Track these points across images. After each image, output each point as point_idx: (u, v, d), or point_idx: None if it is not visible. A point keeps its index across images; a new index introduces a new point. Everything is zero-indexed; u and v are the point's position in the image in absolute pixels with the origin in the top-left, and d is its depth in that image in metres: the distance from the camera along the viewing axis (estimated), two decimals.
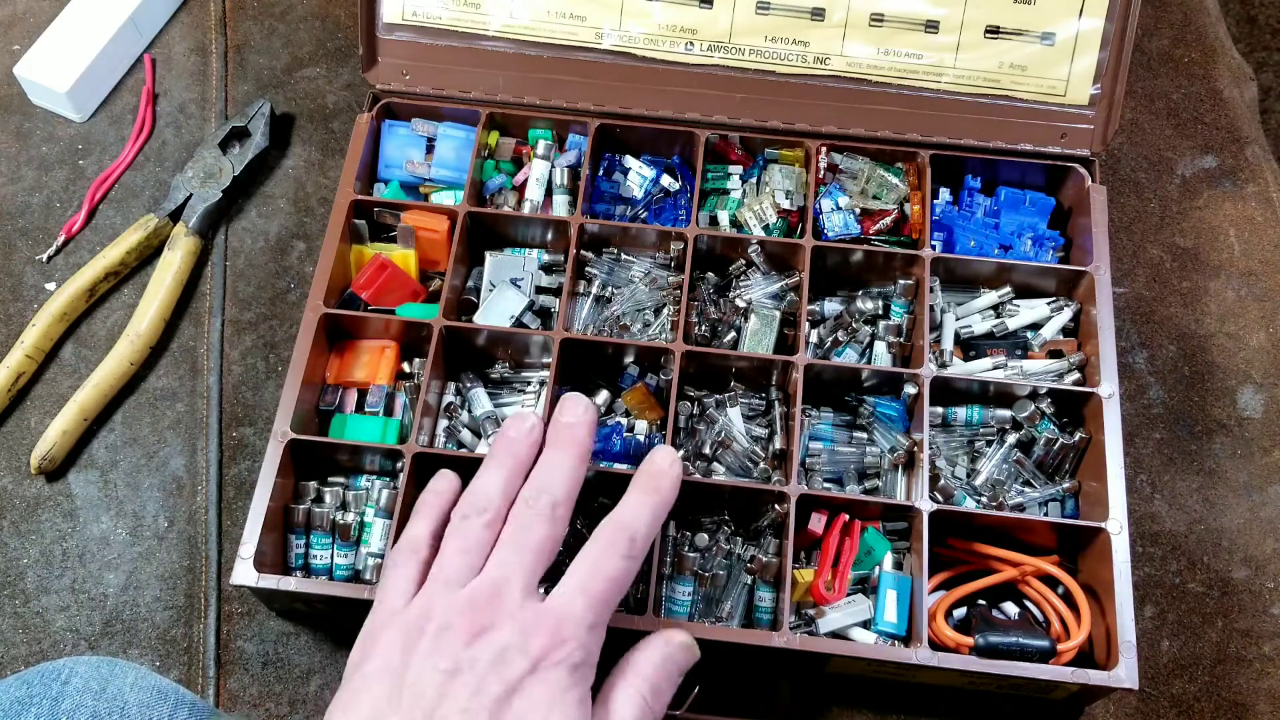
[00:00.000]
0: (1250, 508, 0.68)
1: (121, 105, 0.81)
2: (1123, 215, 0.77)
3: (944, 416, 0.65)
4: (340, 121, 0.80)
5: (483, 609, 0.46)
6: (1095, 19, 0.68)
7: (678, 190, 0.72)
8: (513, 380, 0.68)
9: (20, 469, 0.69)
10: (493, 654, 0.45)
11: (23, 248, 0.76)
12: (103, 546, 0.67)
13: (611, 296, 0.69)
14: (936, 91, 0.71)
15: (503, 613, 0.46)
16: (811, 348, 0.67)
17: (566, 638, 0.46)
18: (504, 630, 0.45)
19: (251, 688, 0.63)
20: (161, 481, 0.68)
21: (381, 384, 0.66)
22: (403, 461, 0.62)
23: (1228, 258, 0.76)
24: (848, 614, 0.59)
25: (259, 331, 0.73)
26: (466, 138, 0.72)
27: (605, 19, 0.71)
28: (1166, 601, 0.66)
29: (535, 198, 0.72)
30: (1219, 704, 0.63)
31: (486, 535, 0.49)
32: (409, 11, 0.72)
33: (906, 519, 0.62)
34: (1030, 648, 0.57)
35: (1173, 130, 0.80)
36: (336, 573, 0.63)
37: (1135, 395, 0.71)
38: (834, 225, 0.69)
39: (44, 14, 0.83)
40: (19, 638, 0.64)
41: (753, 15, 0.70)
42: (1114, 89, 0.69)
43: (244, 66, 0.82)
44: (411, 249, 0.69)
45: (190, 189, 0.75)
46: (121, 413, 0.71)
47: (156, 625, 0.65)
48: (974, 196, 0.72)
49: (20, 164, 0.79)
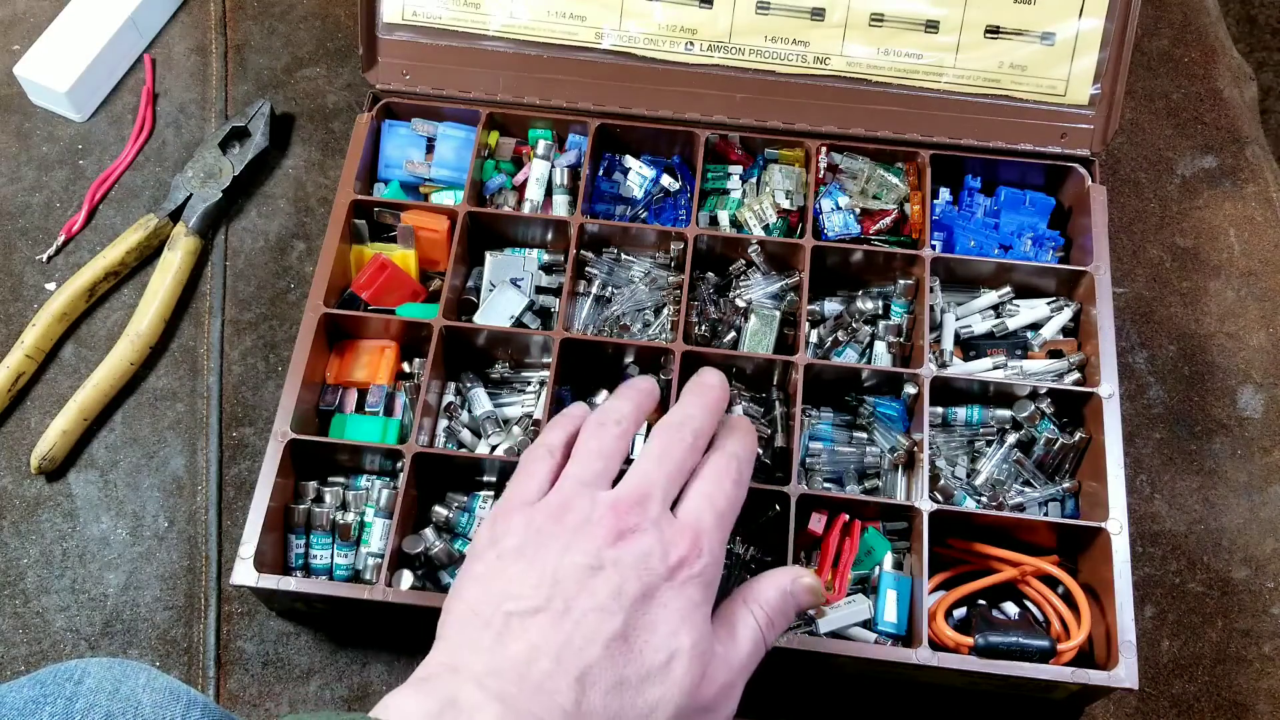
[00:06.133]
0: (1250, 508, 0.68)
1: (121, 105, 0.81)
2: (1123, 215, 0.77)
3: (944, 416, 0.65)
4: (340, 121, 0.80)
5: (625, 512, 0.46)
6: (1095, 19, 0.68)
7: (678, 190, 0.72)
8: (513, 380, 0.68)
9: (20, 469, 0.69)
10: (635, 557, 0.45)
11: (23, 248, 0.76)
12: (103, 546, 0.67)
13: (611, 296, 0.69)
14: (936, 91, 0.71)
15: (646, 519, 0.46)
16: (811, 348, 0.67)
17: (703, 552, 0.46)
18: (647, 536, 0.45)
19: (251, 688, 0.63)
20: (161, 481, 0.68)
21: (381, 384, 0.66)
22: (403, 461, 0.62)
23: (1228, 258, 0.76)
24: (848, 614, 0.59)
25: (259, 331, 0.73)
26: (466, 138, 0.72)
27: (605, 19, 0.71)
28: (1166, 601, 0.66)
29: (535, 198, 0.72)
30: (1219, 704, 0.63)
31: (620, 446, 0.49)
32: (409, 11, 0.72)
33: (906, 519, 0.62)
34: (1030, 648, 0.57)
35: (1173, 130, 0.80)
36: (336, 573, 0.63)
37: (1135, 395, 0.71)
38: (834, 225, 0.69)
39: (44, 14, 0.83)
40: (19, 638, 0.64)
41: (753, 15, 0.70)
42: (1114, 89, 0.69)
43: (244, 66, 0.82)
44: (411, 249, 0.69)
45: (190, 189, 0.75)
46: (121, 413, 0.71)
47: (156, 625, 0.65)
48: (974, 196, 0.72)
49: (20, 164, 0.79)
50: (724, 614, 0.48)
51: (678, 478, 0.48)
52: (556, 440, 0.51)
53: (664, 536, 0.46)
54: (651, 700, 0.43)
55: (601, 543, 0.45)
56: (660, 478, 0.48)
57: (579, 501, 0.47)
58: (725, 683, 0.46)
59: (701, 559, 0.46)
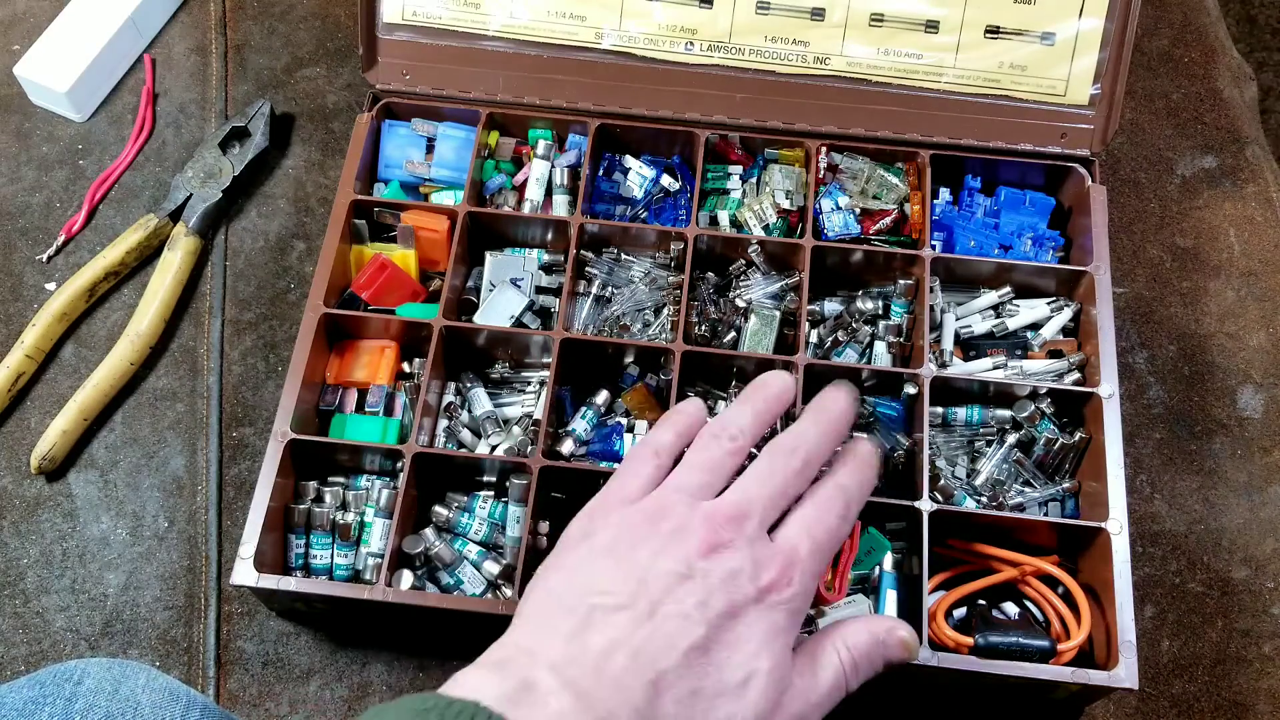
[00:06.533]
0: (1250, 508, 0.68)
1: (121, 105, 0.81)
2: (1123, 215, 0.77)
3: (944, 416, 0.65)
4: (340, 121, 0.80)
5: (722, 526, 0.45)
6: (1095, 19, 0.68)
7: (678, 190, 0.72)
8: (513, 380, 0.68)
9: (20, 469, 0.69)
10: (725, 573, 0.44)
11: (23, 248, 0.76)
12: (103, 546, 0.67)
13: (611, 296, 0.69)
14: (936, 91, 0.71)
15: (741, 537, 0.45)
16: (811, 348, 0.67)
17: (793, 580, 0.45)
18: (739, 554, 0.45)
19: (251, 688, 0.63)
20: (161, 481, 0.68)
21: (381, 384, 0.66)
22: (403, 461, 0.62)
23: (1228, 258, 0.76)
24: (848, 614, 0.59)
25: (259, 331, 0.73)
26: (466, 138, 0.72)
27: (605, 19, 0.71)
28: (1166, 601, 0.66)
29: (535, 198, 0.72)
30: (1219, 704, 0.63)
31: (730, 462, 0.49)
32: (409, 11, 0.72)
33: (906, 519, 0.62)
34: (1030, 648, 0.57)
35: (1173, 130, 0.80)
36: (336, 573, 0.63)
37: (1135, 395, 0.71)
38: (834, 225, 0.69)
39: (44, 14, 0.83)
40: (19, 638, 0.64)
41: (753, 15, 0.70)
42: (1114, 89, 0.69)
43: (244, 66, 0.82)
44: (411, 249, 0.69)
45: (190, 189, 0.75)
46: (121, 413, 0.71)
47: (156, 625, 0.65)
48: (974, 196, 0.72)
49: (20, 164, 0.79)
50: (808, 648, 0.47)
51: (780, 501, 0.48)
52: (665, 441, 0.50)
53: (756, 558, 0.45)
54: (722, 716, 0.43)
55: (693, 552, 0.45)
56: (762, 498, 0.47)
57: (677, 509, 0.46)
58: (797, 715, 0.45)
59: (791, 588, 0.45)
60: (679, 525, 0.45)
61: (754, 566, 0.45)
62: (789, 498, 0.48)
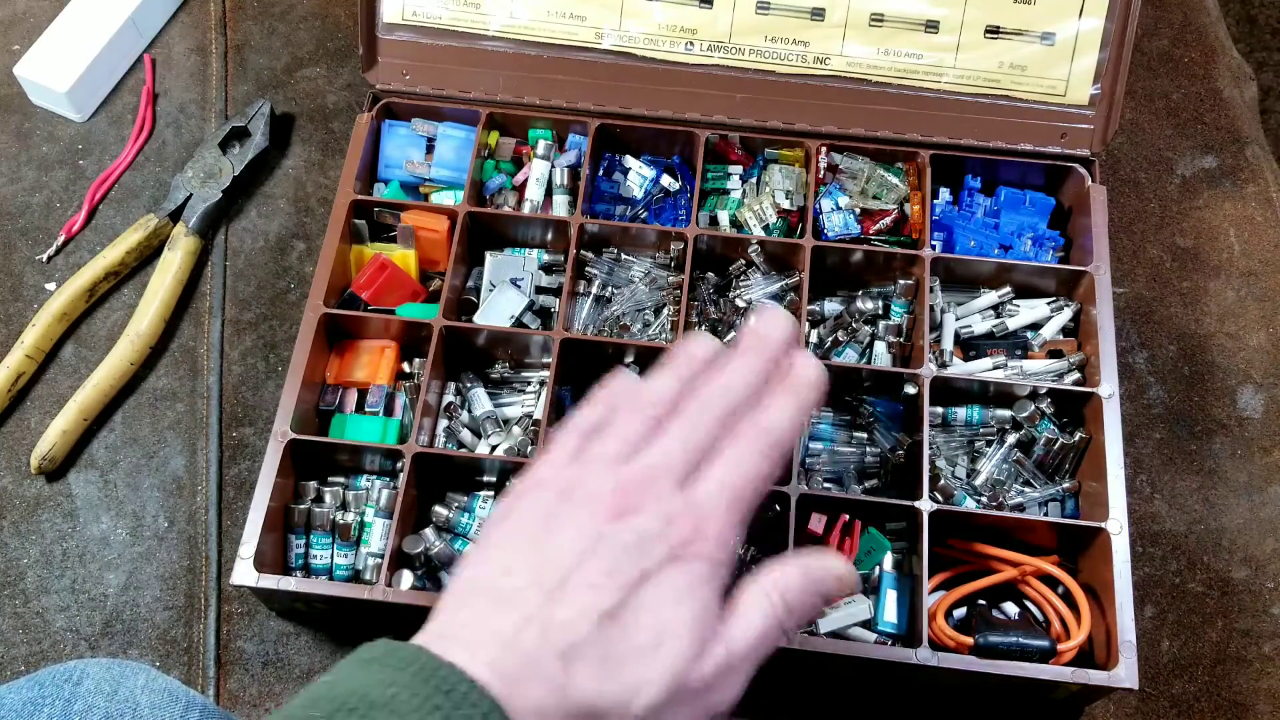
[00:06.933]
0: (1250, 508, 0.68)
1: (121, 105, 0.81)
2: (1123, 215, 0.77)
3: (944, 416, 0.65)
4: (340, 121, 0.80)
5: (632, 491, 0.45)
6: (1095, 19, 0.68)
7: (678, 190, 0.72)
8: (513, 380, 0.68)
9: (20, 469, 0.69)
10: (634, 536, 0.44)
11: (23, 248, 0.76)
12: (103, 546, 0.67)
13: (611, 296, 0.69)
14: (936, 91, 0.71)
15: (650, 498, 0.45)
16: (811, 348, 0.67)
17: (709, 533, 0.45)
18: (649, 515, 0.45)
19: (251, 688, 0.63)
20: (161, 481, 0.68)
21: (381, 384, 0.66)
22: (403, 461, 0.62)
23: (1228, 258, 0.76)
24: (848, 614, 0.59)
25: (259, 331, 0.73)
26: (466, 138, 0.72)
27: (605, 19, 0.71)
28: (1166, 601, 0.66)
29: (535, 198, 0.72)
30: (1219, 704, 0.63)
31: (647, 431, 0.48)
32: (409, 11, 0.72)
33: (906, 519, 0.62)
34: (1030, 648, 0.57)
35: (1173, 130, 0.80)
36: (336, 573, 0.63)
37: (1135, 395, 0.71)
38: (834, 225, 0.69)
39: (44, 14, 0.83)
40: (19, 638, 0.64)
41: (753, 15, 0.70)
42: (1114, 89, 0.69)
43: (244, 66, 0.82)
44: (411, 249, 0.69)
45: (190, 189, 0.75)
46: (121, 413, 0.71)
47: (156, 625, 0.65)
48: (974, 196, 0.72)
49: (20, 164, 0.79)
50: (736, 595, 0.47)
51: (697, 455, 0.47)
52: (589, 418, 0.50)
53: (668, 514, 0.45)
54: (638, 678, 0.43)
55: (601, 519, 0.45)
56: (676, 454, 0.47)
57: (588, 481, 0.46)
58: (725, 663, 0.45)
59: (707, 540, 0.45)
60: (588, 495, 0.45)
61: (664, 524, 0.45)
62: (709, 449, 0.47)
